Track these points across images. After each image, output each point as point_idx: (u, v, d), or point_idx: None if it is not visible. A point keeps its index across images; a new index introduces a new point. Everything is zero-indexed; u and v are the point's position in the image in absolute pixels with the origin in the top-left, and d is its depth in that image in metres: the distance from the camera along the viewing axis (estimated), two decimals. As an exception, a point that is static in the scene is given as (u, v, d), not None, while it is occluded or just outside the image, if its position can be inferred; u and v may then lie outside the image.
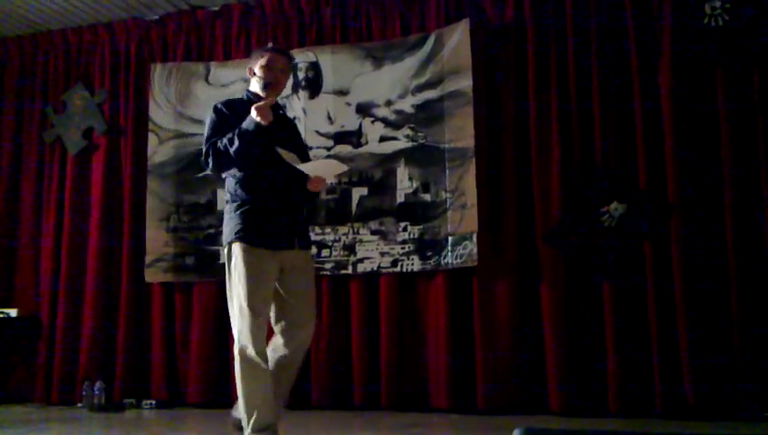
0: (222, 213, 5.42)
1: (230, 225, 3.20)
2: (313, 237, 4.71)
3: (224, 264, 5.55)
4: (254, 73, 3.31)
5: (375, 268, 5.08)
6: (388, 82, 5.25)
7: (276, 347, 3.20)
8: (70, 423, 4.59)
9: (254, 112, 3.04)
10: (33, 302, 5.88)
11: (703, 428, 4.01)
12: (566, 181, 4.76)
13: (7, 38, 6.34)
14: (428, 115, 5.11)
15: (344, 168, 3.28)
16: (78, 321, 5.69)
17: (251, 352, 3.04)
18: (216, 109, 3.31)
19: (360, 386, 4.96)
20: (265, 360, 3.07)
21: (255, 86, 3.31)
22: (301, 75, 5.39)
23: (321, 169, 3.33)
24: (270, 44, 3.43)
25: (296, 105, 5.41)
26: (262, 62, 3.28)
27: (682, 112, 4.55)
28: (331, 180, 3.22)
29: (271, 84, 3.26)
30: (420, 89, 5.16)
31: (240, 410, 3.10)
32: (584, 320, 4.63)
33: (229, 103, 3.34)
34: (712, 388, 4.28)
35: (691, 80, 4.57)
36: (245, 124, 3.09)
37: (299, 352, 3.23)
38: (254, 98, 3.27)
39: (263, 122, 3.04)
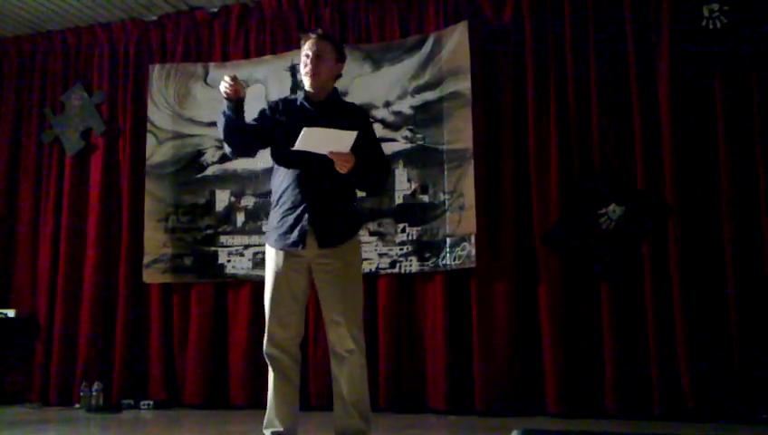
0: (220, 213, 5.49)
1: None
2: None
3: (221, 264, 5.58)
4: None
5: (373, 269, 5.08)
6: (387, 84, 5.25)
7: None
8: (67, 424, 4.58)
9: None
10: (30, 302, 5.88)
11: (701, 429, 4.01)
12: (564, 183, 4.76)
13: (6, 39, 6.33)
14: (427, 116, 5.11)
15: (352, 134, 2.91)
16: (76, 321, 5.68)
17: (265, 350, 3.10)
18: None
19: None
20: (279, 362, 3.08)
21: None
22: (299, 76, 5.38)
23: (325, 142, 2.93)
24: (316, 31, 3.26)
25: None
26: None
27: (680, 114, 4.56)
28: (346, 150, 2.93)
29: (305, 73, 3.11)
30: (419, 90, 5.17)
31: None
32: (582, 321, 4.63)
33: (283, 98, 3.28)
34: (710, 389, 4.28)
35: (689, 81, 4.58)
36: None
37: (333, 356, 3.10)
38: (304, 92, 3.19)
39: (224, 95, 2.98)
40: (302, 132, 2.87)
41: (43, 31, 6.21)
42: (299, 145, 2.91)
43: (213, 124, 5.57)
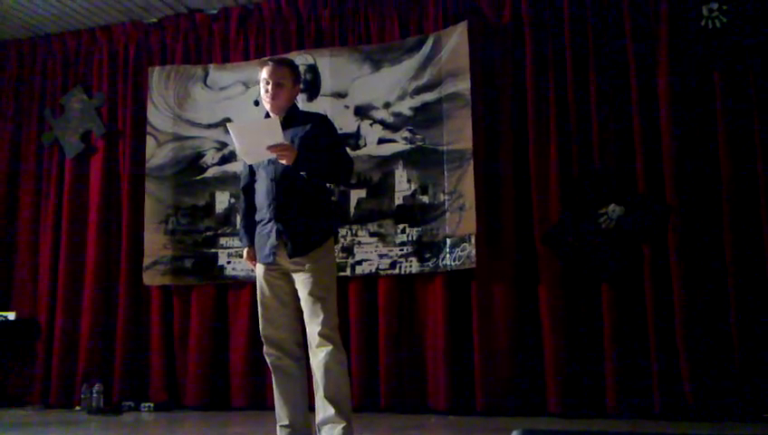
0: (220, 215, 5.50)
1: None
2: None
3: (221, 266, 5.59)
4: None
5: (373, 270, 5.08)
6: (387, 85, 5.25)
7: None
8: (68, 426, 4.58)
9: None
10: (30, 305, 5.89)
11: (702, 428, 4.01)
12: (564, 183, 4.77)
13: (5, 41, 6.34)
14: (427, 117, 5.12)
15: (274, 119, 3.14)
16: (76, 324, 5.69)
17: (264, 351, 3.30)
18: None
19: (359, 388, 4.94)
20: (277, 360, 3.28)
21: None
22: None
23: (258, 138, 3.06)
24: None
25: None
26: None
27: (680, 113, 4.56)
28: (278, 141, 3.06)
29: (266, 100, 3.28)
30: (418, 91, 5.17)
31: None
32: (582, 321, 4.63)
33: None
34: (711, 389, 4.28)
35: (688, 81, 4.58)
36: None
37: (310, 353, 3.25)
38: (266, 113, 3.39)
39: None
40: (231, 132, 3.11)
41: (43, 34, 6.23)
42: (239, 151, 3.21)
43: (213, 126, 5.61)
